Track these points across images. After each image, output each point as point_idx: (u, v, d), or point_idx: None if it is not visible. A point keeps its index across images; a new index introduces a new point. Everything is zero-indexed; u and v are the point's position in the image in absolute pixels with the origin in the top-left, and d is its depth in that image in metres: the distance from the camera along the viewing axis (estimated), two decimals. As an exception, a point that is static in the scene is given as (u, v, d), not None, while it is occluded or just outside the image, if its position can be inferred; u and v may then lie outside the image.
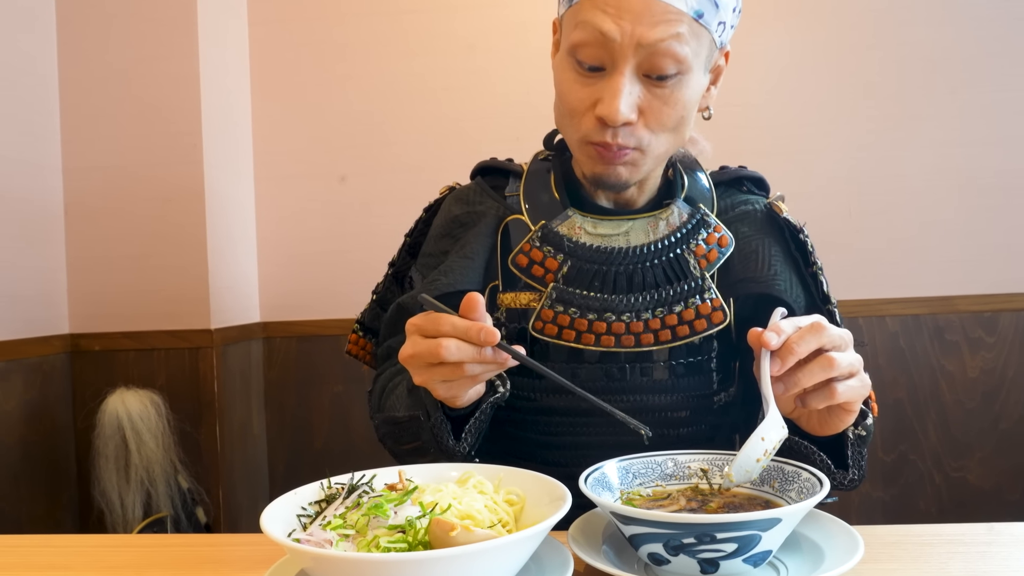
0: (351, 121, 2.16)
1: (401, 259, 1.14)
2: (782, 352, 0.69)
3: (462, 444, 0.84)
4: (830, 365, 0.69)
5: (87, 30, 1.94)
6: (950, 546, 0.72)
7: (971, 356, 2.03)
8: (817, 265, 0.98)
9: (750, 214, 1.01)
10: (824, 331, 0.70)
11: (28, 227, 1.84)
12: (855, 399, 0.72)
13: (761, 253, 0.97)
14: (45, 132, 1.91)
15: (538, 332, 0.93)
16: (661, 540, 0.60)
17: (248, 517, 2.03)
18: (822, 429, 0.76)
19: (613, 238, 0.96)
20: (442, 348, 0.71)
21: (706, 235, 0.96)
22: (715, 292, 0.93)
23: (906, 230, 2.05)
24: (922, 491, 2.05)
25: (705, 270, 0.94)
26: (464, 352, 0.72)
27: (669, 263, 0.94)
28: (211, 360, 1.90)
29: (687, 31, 0.83)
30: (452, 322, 0.72)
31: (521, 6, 2.11)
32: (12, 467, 1.74)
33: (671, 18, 0.82)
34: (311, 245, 2.18)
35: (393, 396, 0.96)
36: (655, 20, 0.82)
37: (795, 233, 0.98)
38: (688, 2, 0.83)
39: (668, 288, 0.93)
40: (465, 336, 0.72)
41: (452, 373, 0.74)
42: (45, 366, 1.86)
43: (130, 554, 0.80)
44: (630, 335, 0.92)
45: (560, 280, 0.94)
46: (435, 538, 0.57)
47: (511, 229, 0.99)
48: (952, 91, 2.03)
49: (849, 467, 0.81)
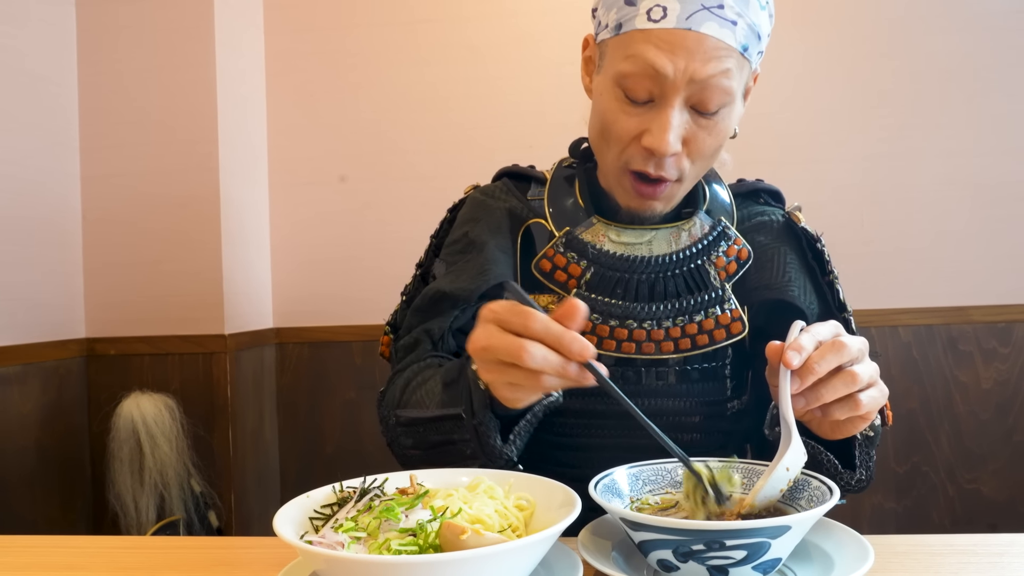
0: (364, 129, 2.18)
1: (428, 260, 1.13)
2: (802, 371, 0.69)
3: (509, 446, 0.80)
4: (853, 381, 0.69)
5: (106, 41, 1.97)
6: (962, 557, 0.71)
7: (985, 367, 2.02)
8: (834, 274, 0.99)
9: (767, 224, 1.03)
10: (844, 348, 0.69)
11: (47, 233, 1.87)
12: (875, 409, 0.72)
13: (777, 261, 0.99)
14: (64, 141, 1.94)
15: None
16: (670, 546, 0.60)
17: (259, 522, 2.04)
18: (833, 434, 0.76)
19: (636, 247, 0.97)
20: (526, 353, 0.64)
21: (726, 247, 0.98)
22: (734, 303, 0.95)
23: (919, 239, 2.04)
24: (935, 503, 2.03)
25: (724, 281, 0.96)
26: (550, 363, 0.64)
27: (690, 273, 0.96)
28: (224, 365, 1.92)
29: (734, 65, 0.85)
30: (546, 324, 0.65)
31: (532, 16, 2.12)
32: (28, 469, 1.76)
33: (722, 55, 0.84)
34: (324, 252, 2.19)
35: (423, 390, 0.91)
36: (707, 57, 0.83)
37: (812, 242, 1.00)
38: (736, 37, 0.84)
39: (689, 298, 0.94)
40: (557, 344, 0.64)
41: (527, 380, 0.67)
42: (62, 370, 1.88)
43: (144, 555, 0.81)
44: (650, 342, 0.93)
45: (583, 286, 0.95)
46: (446, 541, 0.58)
47: (533, 233, 1.01)
48: (966, 100, 2.03)
49: (856, 467, 0.81)
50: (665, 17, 0.83)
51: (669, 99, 0.85)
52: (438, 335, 0.98)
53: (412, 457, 0.93)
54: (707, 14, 0.83)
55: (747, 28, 0.85)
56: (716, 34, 0.83)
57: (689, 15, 0.83)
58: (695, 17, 0.83)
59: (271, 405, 2.17)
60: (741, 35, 0.85)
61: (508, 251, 1.00)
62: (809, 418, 0.76)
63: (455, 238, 1.05)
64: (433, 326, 0.98)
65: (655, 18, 0.84)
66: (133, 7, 1.96)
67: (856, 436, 0.79)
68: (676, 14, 0.83)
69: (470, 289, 0.96)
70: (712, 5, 0.83)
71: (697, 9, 0.83)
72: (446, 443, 0.85)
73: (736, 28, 0.84)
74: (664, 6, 0.83)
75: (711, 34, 0.83)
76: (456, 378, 0.85)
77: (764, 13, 0.87)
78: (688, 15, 0.83)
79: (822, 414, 0.72)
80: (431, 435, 0.87)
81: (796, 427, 0.69)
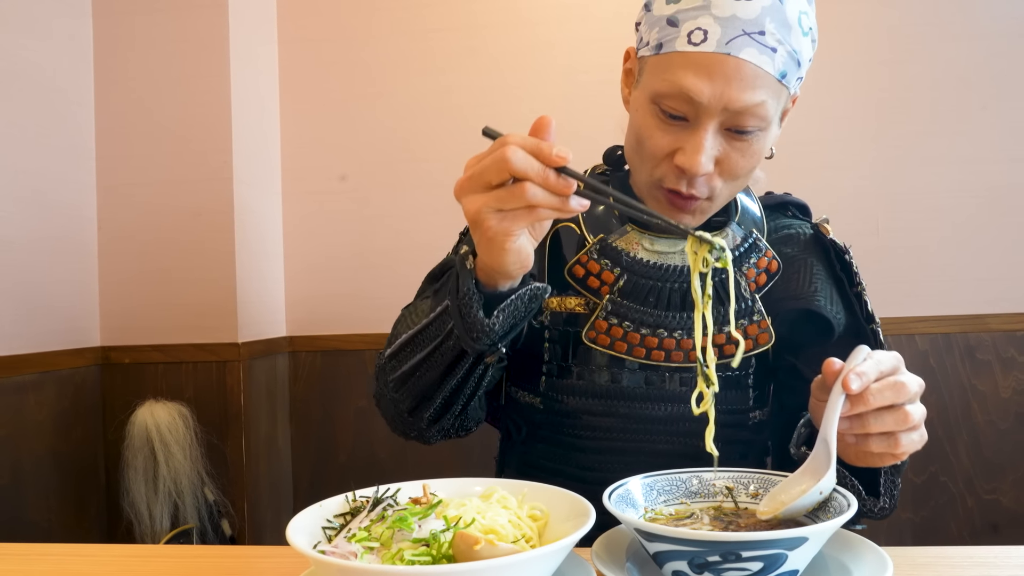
0: (378, 138, 2.19)
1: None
2: (856, 398, 0.69)
3: (492, 321, 0.78)
4: (904, 420, 0.70)
5: (122, 53, 1.99)
6: (982, 569, 0.70)
7: (1004, 376, 2.00)
8: (862, 285, 1.00)
9: (794, 236, 1.04)
10: (904, 388, 0.70)
11: (62, 242, 1.88)
12: (911, 451, 0.72)
13: (804, 272, 1.00)
14: (80, 151, 1.96)
15: (591, 341, 0.96)
16: (686, 558, 0.60)
17: (272, 530, 2.04)
18: (858, 461, 0.75)
19: (669, 256, 0.97)
20: (509, 152, 0.68)
21: (757, 259, 0.99)
22: (763, 314, 0.97)
23: (936, 247, 2.03)
24: (953, 513, 2.01)
25: (754, 292, 0.97)
26: (532, 165, 0.68)
27: (722, 283, 0.96)
28: (238, 373, 1.93)
29: (772, 92, 0.85)
30: (522, 137, 0.70)
31: (547, 25, 2.13)
32: (43, 477, 1.77)
33: (759, 83, 0.84)
34: (337, 260, 2.20)
35: (413, 315, 0.91)
36: (744, 84, 0.83)
37: (840, 254, 1.01)
38: (776, 64, 0.84)
39: (719, 308, 0.95)
40: (536, 150, 0.69)
41: (511, 196, 0.69)
42: (76, 378, 1.89)
43: (158, 564, 0.81)
44: (679, 351, 0.95)
45: (615, 292, 0.96)
46: (459, 552, 0.57)
47: (562, 236, 1.01)
48: (983, 107, 2.01)
49: (880, 495, 0.81)
50: (705, 41, 0.83)
51: (703, 121, 0.86)
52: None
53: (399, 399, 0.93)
54: (747, 40, 0.83)
55: (787, 55, 0.85)
56: (755, 60, 0.83)
57: (729, 40, 0.82)
58: (735, 42, 0.82)
59: (284, 413, 2.17)
60: (780, 62, 0.85)
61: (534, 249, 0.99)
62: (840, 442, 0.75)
63: None
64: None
65: (695, 41, 0.83)
66: (149, 19, 1.98)
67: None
68: (716, 38, 0.83)
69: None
70: (753, 31, 0.83)
71: (738, 34, 0.82)
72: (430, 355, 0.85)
73: (776, 55, 0.84)
74: (705, 29, 0.83)
75: (750, 60, 0.83)
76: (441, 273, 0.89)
77: (807, 39, 0.87)
78: (728, 40, 0.82)
79: (857, 442, 0.72)
80: (417, 351, 0.87)
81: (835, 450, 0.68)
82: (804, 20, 0.86)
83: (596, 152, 1.16)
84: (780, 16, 0.84)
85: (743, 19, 0.82)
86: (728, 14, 0.83)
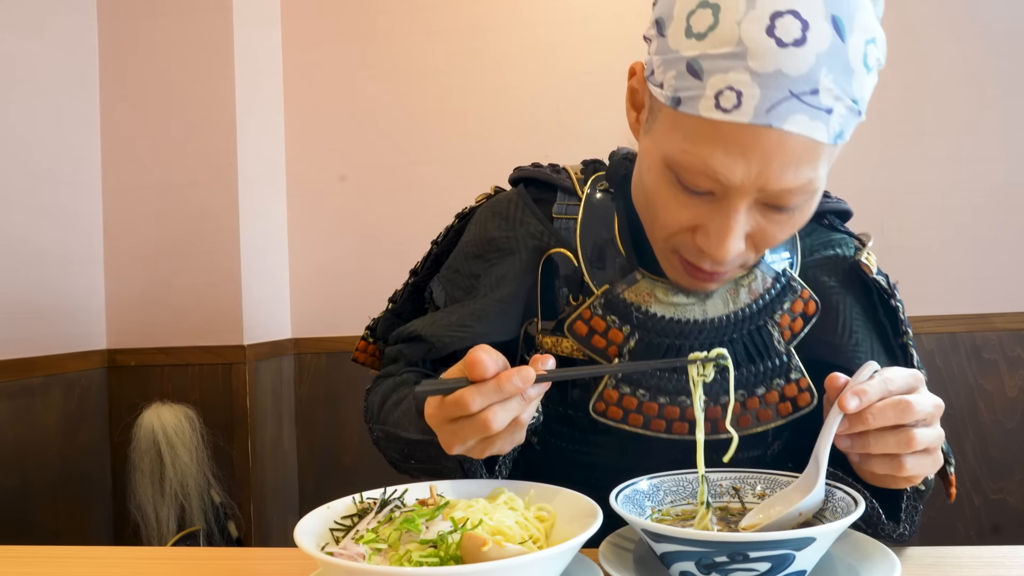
0: (382, 140, 2.19)
1: (425, 269, 1.03)
2: (854, 418, 0.64)
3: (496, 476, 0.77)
4: (907, 443, 0.63)
5: (126, 55, 1.99)
6: (990, 569, 0.70)
7: (1010, 375, 1.99)
8: (908, 334, 0.87)
9: (834, 261, 0.88)
10: (910, 409, 0.63)
11: (68, 245, 1.89)
12: (920, 476, 0.66)
13: (842, 314, 0.86)
14: (86, 153, 1.96)
15: (600, 414, 0.83)
16: (693, 558, 0.60)
17: (278, 532, 2.05)
18: (874, 481, 0.69)
19: (688, 308, 0.83)
20: (491, 423, 0.64)
21: (791, 302, 0.84)
22: (802, 370, 0.83)
23: (941, 247, 2.02)
24: (960, 513, 2.00)
25: (788, 342, 0.84)
26: (510, 410, 0.64)
27: (751, 337, 0.83)
28: (243, 376, 1.93)
29: (824, 159, 0.68)
30: (479, 391, 0.64)
31: (550, 26, 2.13)
32: (50, 479, 1.78)
33: (808, 157, 0.66)
34: (342, 262, 2.20)
35: (398, 411, 0.87)
36: (788, 161, 0.66)
37: (885, 297, 0.87)
38: (830, 128, 0.66)
39: (750, 367, 0.83)
40: (501, 395, 0.64)
41: (512, 431, 0.67)
42: (83, 381, 1.90)
43: (164, 566, 0.81)
44: (706, 421, 0.78)
45: (626, 355, 0.82)
46: (466, 553, 0.57)
47: (559, 265, 0.87)
48: (987, 105, 2.01)
49: (901, 520, 0.74)
50: (739, 107, 0.64)
51: (733, 202, 0.69)
52: (414, 360, 0.95)
53: (397, 464, 0.91)
54: (795, 104, 0.64)
55: (847, 110, 0.66)
56: (804, 131, 0.64)
57: (771, 107, 0.64)
58: (779, 109, 0.64)
59: (290, 415, 2.18)
60: (837, 123, 0.66)
61: (514, 298, 0.88)
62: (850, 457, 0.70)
63: (458, 267, 0.94)
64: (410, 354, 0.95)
65: (726, 107, 0.64)
66: (153, 22, 1.99)
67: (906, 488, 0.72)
68: (754, 104, 0.64)
69: (445, 341, 0.89)
70: (804, 90, 0.64)
71: (783, 98, 0.63)
72: (431, 464, 0.83)
73: (831, 117, 0.65)
74: (739, 91, 0.64)
75: (797, 131, 0.64)
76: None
77: (873, 73, 0.68)
78: (770, 107, 0.64)
79: (860, 462, 0.67)
80: (416, 455, 0.84)
81: (824, 475, 0.66)
82: (871, 53, 0.66)
83: (599, 153, 1.16)
84: (840, 61, 0.64)
85: (790, 75, 0.63)
86: (771, 68, 0.63)
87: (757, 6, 0.63)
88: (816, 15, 0.63)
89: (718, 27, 0.64)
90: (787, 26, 0.63)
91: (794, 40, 0.63)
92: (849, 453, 0.67)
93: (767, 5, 0.63)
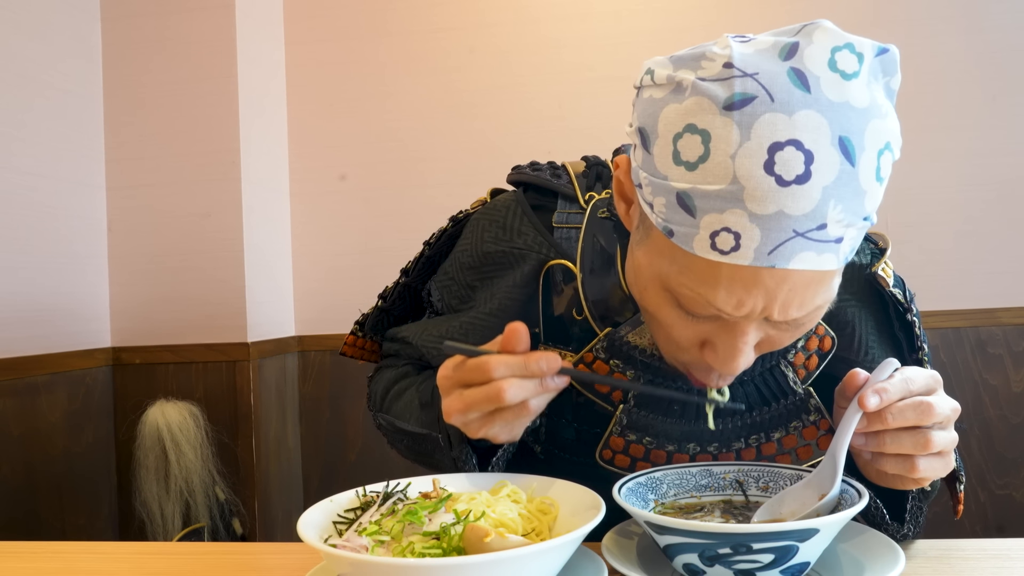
0: (385, 138, 2.19)
1: (416, 270, 0.98)
2: (873, 416, 0.63)
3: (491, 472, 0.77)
4: (923, 444, 0.63)
5: (130, 54, 2.00)
6: (996, 561, 0.70)
7: (1015, 370, 1.98)
8: (924, 350, 0.83)
9: (850, 270, 0.81)
10: (931, 411, 0.62)
11: (73, 244, 1.89)
12: (929, 479, 0.65)
13: (858, 330, 0.82)
14: (89, 153, 1.97)
15: (607, 462, 0.80)
16: (696, 550, 0.60)
17: (283, 528, 2.05)
18: (878, 481, 0.69)
19: None
20: (505, 393, 0.63)
21: (806, 340, 0.79)
22: (821, 410, 0.78)
23: (946, 241, 2.02)
24: (965, 508, 2.00)
25: (803, 381, 0.79)
26: (527, 389, 0.64)
27: (763, 378, 0.79)
28: (248, 373, 1.93)
29: (835, 283, 0.64)
30: (506, 361, 0.64)
31: (553, 22, 2.13)
32: (56, 477, 1.78)
33: (817, 287, 0.61)
34: (345, 260, 2.21)
35: (400, 403, 0.87)
36: (794, 294, 0.60)
37: (902, 311, 0.82)
38: (842, 253, 0.60)
39: (763, 410, 0.79)
40: (525, 371, 0.64)
41: (516, 415, 0.66)
42: (88, 379, 1.90)
43: (169, 561, 0.82)
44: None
45: (630, 401, 0.79)
46: (469, 544, 0.57)
47: (559, 277, 0.83)
48: (991, 99, 2.00)
49: (905, 521, 0.74)
50: (738, 249, 0.58)
51: (740, 325, 0.64)
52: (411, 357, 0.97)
53: (402, 452, 0.92)
54: (801, 243, 0.57)
55: (859, 229, 0.60)
56: (812, 265, 0.59)
57: (773, 248, 0.57)
58: (782, 250, 0.57)
59: (293, 413, 2.18)
60: (849, 245, 0.60)
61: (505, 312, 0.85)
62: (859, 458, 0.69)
63: (454, 275, 0.91)
64: (404, 355, 0.97)
65: (723, 248, 0.58)
66: (157, 21, 1.99)
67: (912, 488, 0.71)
68: (754, 247, 0.57)
69: (433, 353, 0.89)
70: (810, 228, 0.57)
71: (787, 238, 0.57)
72: (426, 453, 0.84)
73: (842, 244, 0.59)
74: (737, 232, 0.57)
75: (805, 267, 0.59)
76: (431, 400, 0.82)
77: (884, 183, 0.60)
78: (772, 249, 0.57)
79: (873, 460, 0.66)
80: (417, 447, 0.85)
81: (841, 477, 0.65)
82: (885, 162, 0.59)
83: (602, 150, 1.15)
84: (850, 188, 0.57)
85: (794, 215, 0.56)
86: (772, 210, 0.56)
87: (753, 137, 0.56)
88: (821, 142, 0.55)
89: (709, 159, 0.57)
90: (788, 160, 0.55)
91: (796, 177, 0.55)
92: (861, 451, 0.66)
93: (764, 136, 0.56)
